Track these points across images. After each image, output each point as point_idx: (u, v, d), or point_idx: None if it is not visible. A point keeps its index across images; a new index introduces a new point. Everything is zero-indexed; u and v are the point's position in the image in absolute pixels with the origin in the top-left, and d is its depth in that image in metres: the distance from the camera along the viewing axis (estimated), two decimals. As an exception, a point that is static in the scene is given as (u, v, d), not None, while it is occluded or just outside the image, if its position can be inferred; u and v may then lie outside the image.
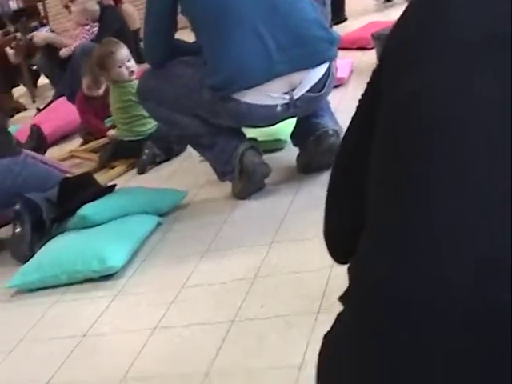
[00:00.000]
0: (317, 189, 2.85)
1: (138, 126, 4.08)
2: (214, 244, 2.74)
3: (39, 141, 4.51)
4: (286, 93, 2.86)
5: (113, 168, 4.14)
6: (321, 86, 2.93)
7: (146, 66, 3.33)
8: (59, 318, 2.58)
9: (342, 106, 3.65)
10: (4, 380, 2.27)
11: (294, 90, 2.87)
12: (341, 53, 3.29)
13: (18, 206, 3.14)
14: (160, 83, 3.11)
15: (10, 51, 7.34)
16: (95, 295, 2.65)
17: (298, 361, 1.85)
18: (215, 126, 2.99)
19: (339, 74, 3.83)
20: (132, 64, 4.09)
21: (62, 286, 2.78)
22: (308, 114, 3.04)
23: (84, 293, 2.70)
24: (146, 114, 3.62)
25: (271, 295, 2.22)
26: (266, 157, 3.13)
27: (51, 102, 5.86)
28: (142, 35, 3.79)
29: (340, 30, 4.93)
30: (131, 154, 4.04)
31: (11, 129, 5.13)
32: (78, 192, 3.17)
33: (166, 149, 3.98)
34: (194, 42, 3.12)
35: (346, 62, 4.62)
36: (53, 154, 4.71)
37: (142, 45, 4.23)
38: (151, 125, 4.02)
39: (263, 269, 2.41)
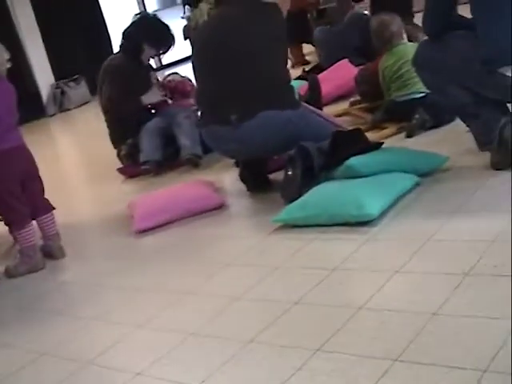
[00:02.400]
0: None
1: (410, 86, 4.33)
2: (465, 207, 2.91)
3: (314, 90, 4.82)
4: None
5: (383, 129, 4.39)
6: None
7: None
8: (314, 252, 2.92)
9: None
10: (260, 298, 2.65)
11: None
12: None
13: (292, 152, 3.50)
14: (436, 54, 3.30)
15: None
16: (349, 237, 2.94)
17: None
18: (481, 98, 3.15)
19: None
20: None
21: (322, 227, 3.10)
22: None
23: (340, 234, 3.00)
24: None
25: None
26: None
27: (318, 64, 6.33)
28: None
29: None
30: (402, 116, 4.27)
31: (295, 83, 5.58)
32: (348, 144, 3.46)
33: (436, 116, 4.13)
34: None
35: None
36: (329, 110, 5.05)
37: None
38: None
39: (503, 234, 2.55)
